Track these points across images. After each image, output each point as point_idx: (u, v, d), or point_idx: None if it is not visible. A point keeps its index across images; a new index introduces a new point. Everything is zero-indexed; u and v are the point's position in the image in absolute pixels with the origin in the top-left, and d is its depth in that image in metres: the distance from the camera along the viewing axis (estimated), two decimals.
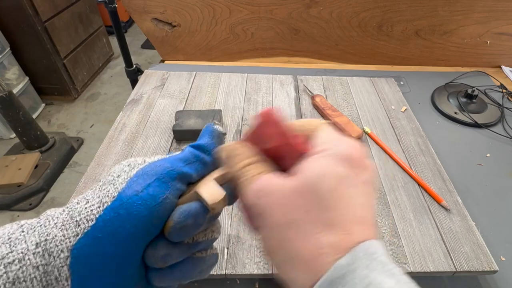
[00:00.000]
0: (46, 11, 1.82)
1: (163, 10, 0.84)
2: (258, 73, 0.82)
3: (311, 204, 0.18)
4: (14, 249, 0.18)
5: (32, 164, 1.54)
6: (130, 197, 0.20)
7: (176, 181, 0.21)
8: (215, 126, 0.25)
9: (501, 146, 0.66)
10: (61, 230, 0.19)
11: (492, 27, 0.84)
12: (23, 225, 0.19)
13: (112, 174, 0.22)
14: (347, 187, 0.18)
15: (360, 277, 0.16)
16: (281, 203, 0.19)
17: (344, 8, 0.83)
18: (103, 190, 0.21)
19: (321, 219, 0.18)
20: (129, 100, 0.72)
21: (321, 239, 0.17)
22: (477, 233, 0.47)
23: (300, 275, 0.17)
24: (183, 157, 0.23)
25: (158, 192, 0.20)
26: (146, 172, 0.21)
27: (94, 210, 0.20)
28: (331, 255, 0.17)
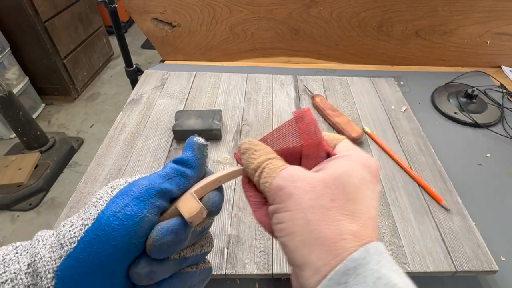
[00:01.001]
0: (46, 11, 1.82)
1: (163, 10, 0.84)
2: (258, 73, 0.82)
3: (337, 194, 0.20)
4: (7, 269, 0.19)
5: (32, 164, 1.55)
6: (108, 218, 0.20)
7: (155, 198, 0.21)
8: (195, 139, 0.25)
9: (501, 146, 0.66)
10: (49, 251, 0.20)
11: (492, 27, 0.84)
12: (18, 246, 0.21)
13: (96, 196, 0.22)
14: (367, 188, 0.21)
15: (371, 271, 0.17)
16: (310, 189, 0.20)
17: (344, 8, 0.83)
18: (86, 213, 0.21)
19: (344, 209, 0.20)
20: (129, 100, 0.72)
21: (344, 226, 0.19)
22: (477, 233, 0.47)
23: (320, 255, 0.19)
24: (163, 173, 0.23)
25: (135, 211, 0.20)
26: (124, 193, 0.21)
27: (77, 233, 0.20)
28: (351, 241, 0.19)
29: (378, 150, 0.62)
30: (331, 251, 0.18)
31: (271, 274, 0.42)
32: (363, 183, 0.21)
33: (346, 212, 0.20)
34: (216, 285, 0.44)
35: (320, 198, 0.20)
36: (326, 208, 0.20)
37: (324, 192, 0.20)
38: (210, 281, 0.44)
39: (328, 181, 0.21)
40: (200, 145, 0.25)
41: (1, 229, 1.39)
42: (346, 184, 0.20)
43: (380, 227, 0.48)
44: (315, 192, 0.20)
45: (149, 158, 0.58)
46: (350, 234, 0.19)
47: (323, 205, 0.20)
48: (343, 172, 0.21)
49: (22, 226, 1.41)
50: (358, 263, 0.17)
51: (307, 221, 0.20)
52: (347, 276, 0.17)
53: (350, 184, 0.20)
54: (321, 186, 0.20)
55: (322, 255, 0.19)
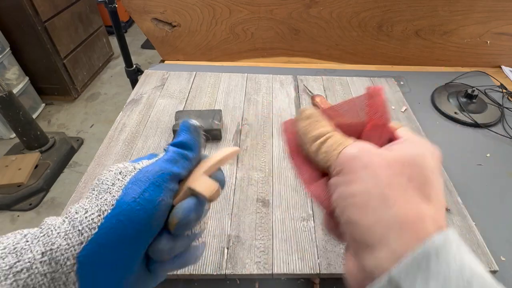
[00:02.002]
0: (46, 11, 1.82)
1: (163, 10, 0.84)
2: (258, 73, 0.82)
3: (415, 175, 0.19)
4: (21, 258, 0.19)
5: (32, 164, 1.55)
6: (129, 204, 0.21)
7: (169, 182, 0.23)
8: (191, 122, 0.26)
9: (501, 146, 0.66)
10: (65, 239, 0.20)
11: (492, 27, 0.84)
12: (27, 235, 0.20)
13: (105, 182, 0.22)
14: (436, 174, 0.20)
15: (454, 257, 0.16)
16: (386, 165, 0.19)
17: (344, 8, 0.83)
18: (100, 199, 0.21)
19: (422, 191, 0.19)
20: (129, 100, 0.72)
21: (423, 208, 0.18)
22: (477, 233, 0.47)
23: (399, 236, 0.18)
24: (169, 157, 0.24)
25: (154, 196, 0.22)
26: (139, 179, 0.22)
27: (95, 219, 0.21)
28: (431, 224, 0.18)
29: None
30: (413, 232, 0.17)
31: (271, 274, 0.42)
32: (436, 169, 0.20)
33: (423, 194, 0.19)
34: (216, 285, 0.44)
35: (397, 176, 0.19)
36: (404, 187, 0.19)
37: (401, 170, 0.19)
38: (210, 281, 0.44)
39: (404, 160, 0.20)
40: (196, 127, 0.26)
41: (1, 229, 1.39)
42: (423, 166, 0.20)
43: None
44: (392, 169, 0.19)
45: None
46: (430, 218, 0.18)
47: (401, 183, 0.19)
48: (419, 154, 0.20)
49: (22, 226, 1.41)
50: (440, 247, 0.16)
51: (385, 197, 0.18)
52: (429, 261, 0.16)
53: (426, 167, 0.20)
54: (399, 164, 0.19)
55: (402, 236, 0.17)
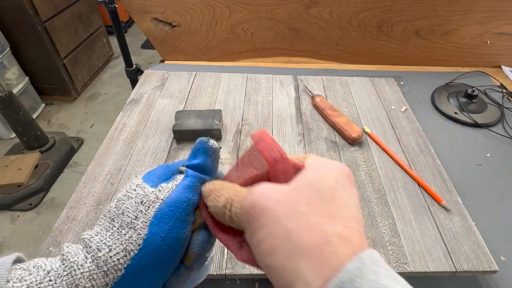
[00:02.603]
0: (46, 11, 1.82)
1: (163, 10, 0.84)
2: (258, 73, 0.82)
3: (313, 198, 0.19)
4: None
5: (32, 164, 1.54)
6: (156, 244, 0.21)
7: (191, 214, 0.23)
8: (210, 143, 0.24)
9: (501, 146, 0.66)
10: (89, 280, 0.19)
11: (492, 27, 0.84)
12: (50, 272, 0.19)
13: (126, 213, 0.22)
14: (343, 189, 0.20)
15: (369, 281, 0.15)
16: (284, 199, 0.19)
17: (344, 8, 0.83)
18: (124, 236, 0.21)
19: (324, 211, 0.18)
20: (129, 100, 0.72)
21: (327, 229, 0.18)
22: (477, 233, 0.47)
23: (308, 265, 0.17)
24: (189, 184, 0.23)
25: (179, 233, 0.22)
26: (165, 214, 0.22)
27: (121, 260, 0.20)
28: (338, 244, 0.17)
29: (378, 150, 0.62)
30: (319, 258, 0.17)
31: None
32: (337, 184, 0.20)
33: (325, 215, 0.18)
34: (216, 285, 0.44)
35: (296, 205, 0.19)
36: (304, 213, 0.18)
37: (298, 198, 0.19)
38: (210, 281, 0.44)
39: (300, 188, 0.19)
40: (215, 150, 0.25)
41: (1, 229, 1.39)
42: (320, 187, 0.19)
43: (380, 227, 0.48)
44: (289, 200, 0.19)
45: (149, 158, 0.58)
46: (336, 236, 0.17)
47: (300, 211, 0.18)
48: (315, 177, 0.20)
49: (22, 226, 1.41)
50: (353, 274, 0.16)
51: (287, 232, 0.18)
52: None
53: (324, 187, 0.19)
54: (295, 193, 0.19)
55: (311, 266, 0.17)
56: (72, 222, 0.48)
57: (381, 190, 0.54)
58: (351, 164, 0.58)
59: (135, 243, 0.20)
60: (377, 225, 0.48)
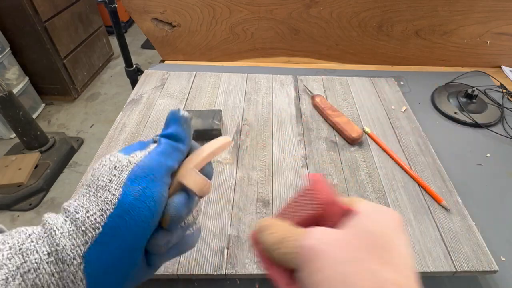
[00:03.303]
0: (46, 11, 1.82)
1: (163, 10, 0.84)
2: (258, 73, 0.82)
3: (371, 245, 0.19)
4: (27, 259, 0.19)
5: (32, 164, 1.54)
6: (131, 203, 0.21)
7: (165, 177, 0.23)
8: (180, 113, 0.26)
9: (501, 146, 0.66)
10: (69, 239, 0.20)
11: (492, 27, 0.84)
12: (31, 234, 0.21)
13: (101, 178, 0.22)
14: (397, 236, 0.20)
15: None
16: (342, 243, 0.19)
17: (344, 8, 0.83)
18: (100, 198, 0.22)
19: (381, 258, 0.18)
20: (129, 100, 0.72)
21: (383, 274, 0.18)
22: (477, 233, 0.47)
23: None
24: (162, 150, 0.24)
25: (154, 192, 0.22)
26: (138, 175, 0.22)
27: (98, 219, 0.21)
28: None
29: (378, 150, 0.62)
30: None
31: None
32: (394, 232, 0.20)
33: (382, 261, 0.18)
34: (216, 285, 0.44)
35: (354, 251, 0.19)
36: (362, 259, 0.18)
37: (357, 244, 0.19)
38: (210, 281, 0.44)
39: (359, 233, 0.20)
40: (187, 118, 0.26)
41: None
42: (378, 234, 0.20)
43: None
44: (348, 246, 0.19)
45: None
46: (390, 282, 0.17)
47: (358, 257, 0.18)
48: (370, 223, 0.20)
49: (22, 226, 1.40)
50: None
51: (345, 276, 0.18)
52: None
53: (382, 234, 0.20)
54: (353, 239, 0.19)
55: None
56: None
57: (381, 190, 0.54)
58: (351, 164, 0.58)
59: (110, 203, 0.21)
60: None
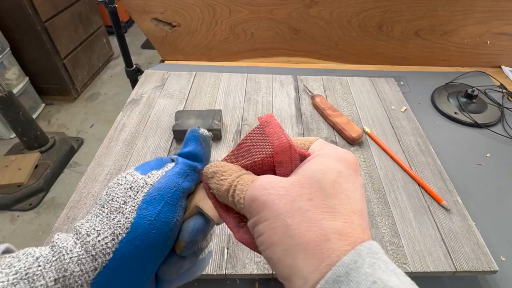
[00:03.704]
0: (46, 11, 1.82)
1: (163, 10, 0.84)
2: (258, 73, 0.82)
3: (314, 193, 0.19)
4: (33, 285, 0.18)
5: (32, 164, 1.54)
6: (144, 228, 0.20)
7: (181, 200, 0.22)
8: (200, 131, 0.25)
9: (501, 146, 0.66)
10: (78, 265, 0.19)
11: (492, 27, 0.84)
12: (38, 258, 0.19)
13: (115, 199, 0.22)
14: (346, 181, 0.19)
15: (365, 275, 0.16)
16: (284, 193, 0.19)
17: (344, 8, 0.83)
18: (113, 220, 0.21)
19: (324, 207, 0.18)
20: (129, 100, 0.72)
21: (326, 225, 0.17)
22: (477, 233, 0.47)
23: (306, 261, 0.17)
24: (180, 171, 0.23)
25: (169, 217, 0.21)
26: (153, 198, 0.21)
27: (109, 243, 0.20)
28: (337, 241, 0.17)
29: (378, 150, 0.62)
30: (317, 254, 0.17)
31: (271, 274, 0.42)
32: (341, 177, 0.19)
33: (326, 210, 0.18)
34: (216, 285, 0.44)
35: (296, 200, 0.18)
36: (304, 209, 0.18)
37: (299, 193, 0.19)
38: (210, 281, 0.44)
39: (302, 181, 0.19)
40: (206, 137, 0.25)
41: (1, 229, 1.39)
42: (322, 181, 0.19)
43: (380, 227, 0.48)
44: (290, 195, 0.19)
45: (149, 158, 0.58)
46: (335, 233, 0.17)
47: (301, 206, 0.18)
48: (317, 169, 0.20)
49: (22, 226, 1.41)
50: (349, 268, 0.16)
51: (286, 227, 0.18)
52: (339, 284, 0.16)
53: (325, 181, 0.19)
54: (296, 188, 0.19)
55: (308, 261, 0.17)
56: (72, 222, 0.48)
57: (381, 190, 0.54)
58: None
59: (123, 226, 0.20)
60: (377, 225, 0.48)
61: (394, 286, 0.15)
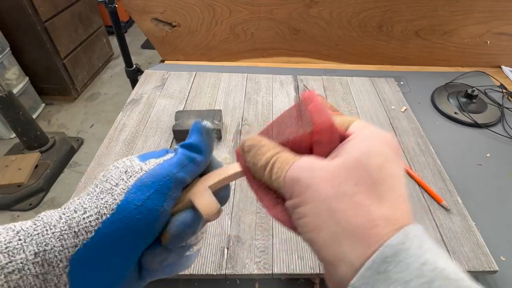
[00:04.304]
0: (46, 11, 1.82)
1: (163, 10, 0.84)
2: (258, 73, 0.82)
3: (361, 178, 0.18)
4: (13, 258, 0.18)
5: (32, 164, 1.54)
6: (130, 211, 0.20)
7: (173, 190, 0.22)
8: (203, 123, 0.24)
9: (501, 146, 0.66)
10: (59, 240, 0.19)
11: (492, 27, 0.84)
12: (19, 232, 0.19)
13: (109, 180, 0.21)
14: (392, 165, 0.19)
15: (414, 256, 0.15)
16: (330, 177, 0.18)
17: (344, 8, 0.83)
18: (101, 200, 0.21)
19: (371, 192, 0.18)
20: (129, 100, 0.72)
21: (374, 211, 0.17)
22: (477, 233, 0.47)
23: (353, 247, 0.17)
24: (177, 160, 0.23)
25: (156, 205, 0.21)
26: (144, 183, 0.21)
27: (93, 222, 0.20)
28: (385, 227, 0.17)
29: None
30: (365, 240, 0.17)
31: (271, 274, 0.42)
32: (387, 161, 0.19)
33: (373, 196, 0.18)
34: (216, 285, 0.44)
35: (342, 185, 0.18)
36: (351, 194, 0.18)
37: (345, 177, 0.18)
38: (210, 281, 0.44)
39: (348, 165, 0.18)
40: (209, 129, 0.24)
41: None
42: (368, 165, 0.18)
43: None
44: (336, 179, 0.18)
45: None
46: (383, 219, 0.17)
47: (347, 191, 0.18)
48: (363, 152, 0.19)
49: None
50: (397, 248, 0.16)
51: (332, 212, 0.18)
52: (387, 264, 0.15)
53: (372, 164, 0.18)
54: (342, 172, 0.18)
55: (355, 246, 0.17)
56: None
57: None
58: None
59: (109, 207, 0.20)
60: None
61: (444, 268, 0.15)
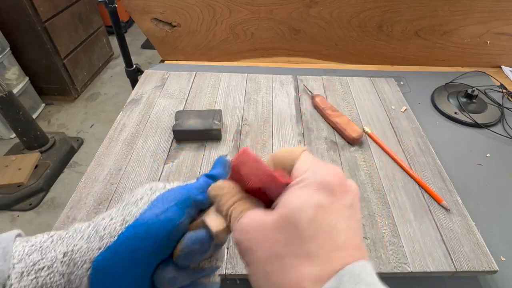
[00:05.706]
0: (46, 11, 1.82)
1: (163, 10, 0.84)
2: (258, 73, 0.82)
3: (291, 237, 0.18)
4: (44, 256, 0.20)
5: (32, 164, 1.54)
6: (150, 218, 0.22)
7: (191, 208, 0.24)
8: (227, 158, 0.27)
9: (501, 146, 0.66)
10: (86, 242, 0.21)
11: (492, 27, 0.84)
12: (53, 235, 0.22)
13: (135, 196, 0.24)
14: (327, 214, 0.19)
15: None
16: (263, 239, 0.19)
17: (344, 8, 0.83)
18: (127, 210, 0.23)
19: (301, 251, 0.18)
20: (129, 100, 0.72)
21: (302, 271, 0.18)
22: (477, 233, 0.47)
23: None
24: (198, 185, 0.25)
25: (175, 216, 0.22)
26: (166, 197, 0.23)
27: (118, 227, 0.21)
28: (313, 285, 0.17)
29: (378, 150, 0.62)
30: None
31: None
32: (321, 211, 0.19)
33: (303, 255, 0.18)
34: None
35: (275, 247, 0.19)
36: (282, 256, 0.18)
37: (277, 238, 0.19)
38: None
39: (279, 223, 0.19)
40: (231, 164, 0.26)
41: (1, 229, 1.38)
42: (299, 222, 0.18)
43: (380, 227, 0.48)
44: (270, 241, 0.19)
45: (149, 158, 0.58)
46: (309, 280, 0.17)
47: (278, 253, 0.18)
48: (293, 207, 0.19)
49: (22, 226, 1.41)
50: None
51: (266, 274, 0.19)
52: None
53: (302, 221, 0.18)
54: (275, 231, 0.19)
55: None
56: (72, 222, 0.48)
57: (381, 190, 0.54)
58: (351, 164, 0.58)
59: (133, 215, 0.22)
60: (377, 225, 0.48)
61: None
